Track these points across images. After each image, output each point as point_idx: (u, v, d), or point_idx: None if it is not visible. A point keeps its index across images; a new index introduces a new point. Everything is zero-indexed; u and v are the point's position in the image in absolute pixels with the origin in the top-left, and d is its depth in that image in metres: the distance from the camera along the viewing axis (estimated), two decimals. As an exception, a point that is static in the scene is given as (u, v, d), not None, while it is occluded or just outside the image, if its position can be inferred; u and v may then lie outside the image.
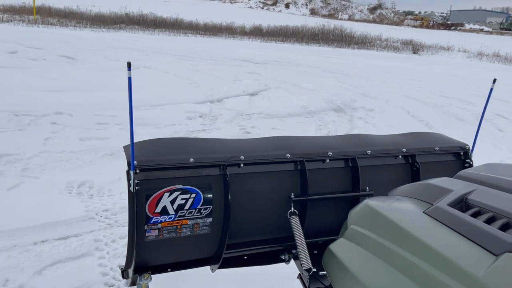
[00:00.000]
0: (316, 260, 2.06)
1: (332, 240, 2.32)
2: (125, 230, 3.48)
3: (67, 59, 12.35)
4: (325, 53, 21.47)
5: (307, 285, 2.21)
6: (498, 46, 26.99)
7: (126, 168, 1.79)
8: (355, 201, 2.17)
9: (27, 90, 7.99)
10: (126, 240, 3.34)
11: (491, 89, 2.21)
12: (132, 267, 1.88)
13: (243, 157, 1.95)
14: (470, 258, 0.84)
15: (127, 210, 1.81)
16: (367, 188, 2.20)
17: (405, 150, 2.28)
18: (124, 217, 3.71)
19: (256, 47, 21.84)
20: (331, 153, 2.15)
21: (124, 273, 2.00)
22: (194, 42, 21.74)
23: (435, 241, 0.90)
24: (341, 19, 49.06)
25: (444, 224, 0.96)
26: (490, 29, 56.70)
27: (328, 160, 2.15)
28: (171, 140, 2.07)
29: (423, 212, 1.04)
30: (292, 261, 2.25)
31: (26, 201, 3.91)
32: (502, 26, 62.39)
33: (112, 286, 2.87)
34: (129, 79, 1.67)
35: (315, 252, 2.17)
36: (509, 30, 59.78)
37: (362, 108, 8.88)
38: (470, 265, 0.82)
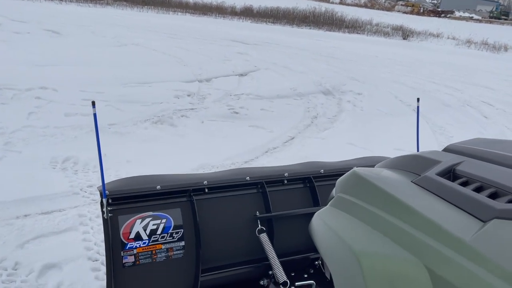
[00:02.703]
0: (294, 279, 2.14)
1: (307, 259, 2.41)
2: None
3: (52, 34, 12.06)
4: (315, 36, 21.35)
5: None
6: (486, 34, 27.15)
7: (113, 143, 1.83)
8: None
9: (11, 64, 7.80)
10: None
11: (418, 107, 2.33)
12: None
13: (206, 182, 2.09)
14: (458, 223, 0.85)
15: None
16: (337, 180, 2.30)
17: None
18: (109, 193, 3.67)
19: (246, 27, 21.60)
20: (287, 174, 2.30)
21: None
22: (184, 20, 21.38)
23: (423, 208, 0.90)
24: (332, 2, 48.70)
25: (432, 193, 0.97)
26: (479, 17, 56.94)
27: (286, 181, 2.30)
28: (142, 176, 2.18)
29: (411, 181, 1.04)
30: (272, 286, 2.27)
31: (8, 175, 3.85)
32: (491, 15, 62.73)
33: (96, 260, 2.86)
34: (95, 116, 1.76)
35: (292, 274, 2.24)
36: (499, 18, 60.16)
37: (351, 91, 8.90)
38: (458, 230, 0.82)
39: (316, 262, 2.33)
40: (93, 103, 1.74)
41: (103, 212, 1.87)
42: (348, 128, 6.35)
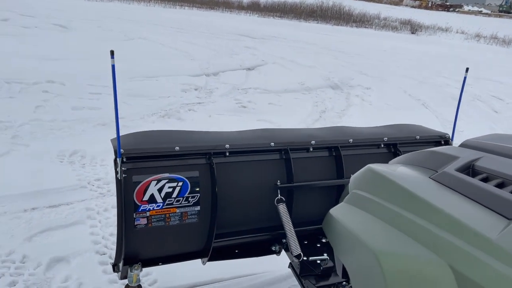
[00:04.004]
0: (306, 249, 2.11)
1: (322, 230, 2.39)
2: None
3: (60, 28, 12.06)
4: (323, 30, 21.18)
5: (298, 272, 2.20)
6: (496, 28, 26.78)
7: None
8: (340, 189, 2.20)
9: (19, 58, 7.80)
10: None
11: (465, 78, 2.25)
12: (123, 257, 1.87)
13: (228, 146, 1.98)
14: (483, 221, 0.80)
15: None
16: (351, 175, 2.23)
17: (386, 139, 2.32)
18: (116, 187, 3.66)
19: (253, 22, 21.48)
20: (314, 142, 2.18)
21: (115, 267, 2.00)
22: (191, 14, 21.31)
23: (444, 205, 0.86)
24: (340, -4, 48.31)
25: (452, 189, 0.92)
26: (488, 11, 56.21)
27: (311, 149, 2.19)
28: (158, 132, 2.09)
29: (429, 177, 1.00)
30: (283, 252, 2.25)
31: (16, 169, 3.84)
32: (501, 9, 61.88)
33: (104, 254, 2.84)
34: (113, 67, 1.66)
35: (305, 242, 2.20)
36: (508, 12, 59.33)
37: (359, 86, 8.80)
38: (483, 228, 0.78)
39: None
40: (112, 53, 1.63)
41: (116, 172, 1.76)
42: (356, 123, 6.27)
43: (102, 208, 3.37)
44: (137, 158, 1.84)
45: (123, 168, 1.76)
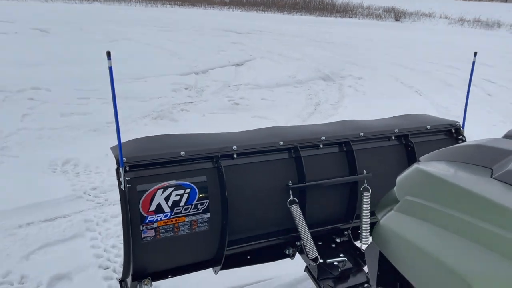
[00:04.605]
0: (321, 251, 2.02)
1: (336, 229, 2.30)
2: (117, 209, 3.28)
3: (40, 32, 11.74)
4: (307, 22, 21.06)
5: (315, 276, 2.12)
6: (478, 11, 26.95)
7: (113, 143, 1.67)
8: (354, 185, 2.14)
9: (0, 66, 7.54)
10: (118, 219, 3.17)
11: (473, 63, 2.18)
12: (131, 272, 1.75)
13: (235, 147, 1.88)
14: None
15: (117, 188, 1.67)
16: (364, 171, 2.15)
17: (397, 130, 2.25)
18: (114, 195, 3.51)
19: (237, 17, 21.26)
20: (324, 138, 2.09)
21: (122, 283, 1.87)
22: (173, 13, 21.00)
23: None
24: (321, -13, 48.20)
25: None
26: (469, -4, 56.59)
27: (322, 146, 2.09)
28: (160, 136, 1.96)
29: (492, 177, 0.88)
30: (297, 255, 2.16)
31: (7, 182, 3.66)
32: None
33: (107, 268, 2.69)
34: (110, 69, 1.52)
35: (320, 243, 2.12)
36: (488, -4, 59.79)
37: (350, 76, 8.71)
38: None
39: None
40: (108, 54, 1.52)
41: (119, 182, 1.64)
42: (352, 114, 6.18)
43: (101, 218, 3.22)
44: (141, 166, 1.72)
45: (126, 178, 1.64)
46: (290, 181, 2.01)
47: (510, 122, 6.08)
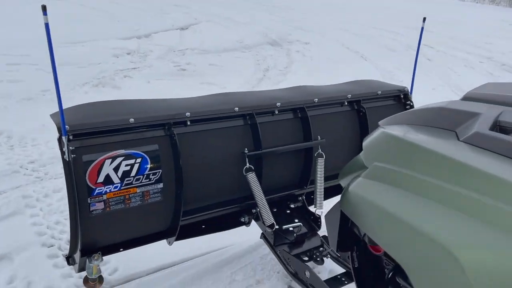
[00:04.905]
0: (277, 217, 2.03)
1: (291, 195, 2.28)
2: (59, 183, 3.09)
3: (-42, -9, 10.54)
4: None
5: (272, 242, 2.12)
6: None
7: (50, 111, 1.56)
8: (309, 152, 2.15)
9: None
10: (62, 194, 2.98)
11: (422, 28, 2.22)
12: (79, 248, 1.65)
13: (188, 114, 1.81)
14: None
15: (59, 161, 1.53)
16: (319, 137, 2.16)
17: (350, 96, 2.27)
18: (55, 169, 3.28)
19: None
20: (279, 104, 2.06)
21: (69, 260, 1.76)
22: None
23: (495, 170, 0.72)
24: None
25: (493, 151, 0.79)
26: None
27: (277, 112, 2.07)
28: (106, 102, 1.83)
29: (460, 140, 0.86)
30: (253, 222, 2.15)
31: None
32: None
33: (52, 246, 2.53)
34: (47, 26, 1.38)
35: (275, 210, 2.11)
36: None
37: (298, 41, 8.68)
38: None
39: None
40: (44, 8, 1.35)
41: (63, 153, 1.53)
42: (301, 79, 6.18)
43: (42, 194, 3.00)
44: (86, 135, 1.59)
45: (70, 148, 1.52)
46: (246, 149, 1.97)
47: (449, 85, 6.38)
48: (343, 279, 2.03)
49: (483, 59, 8.23)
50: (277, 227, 2.05)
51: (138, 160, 1.68)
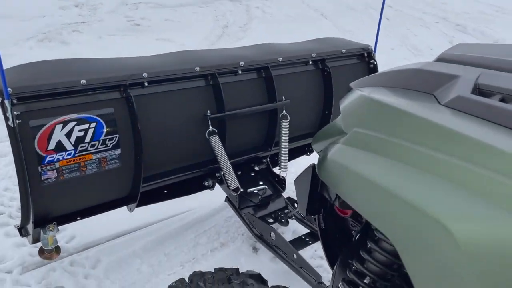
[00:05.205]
0: (241, 180, 1.99)
1: (255, 158, 2.21)
2: (5, 147, 2.87)
3: None
4: None
5: (236, 206, 2.10)
6: None
7: None
8: (273, 113, 2.10)
9: None
10: (9, 158, 2.78)
11: None
12: (32, 219, 1.54)
13: (146, 74, 1.71)
14: None
15: (2, 122, 1.42)
16: (283, 98, 2.11)
17: (314, 55, 2.22)
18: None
19: None
20: (242, 63, 1.98)
21: (22, 231, 1.64)
22: None
23: (479, 135, 0.69)
24: None
25: (476, 116, 0.76)
26: None
27: (240, 72, 1.99)
28: (53, 62, 1.67)
29: (441, 104, 0.83)
30: (217, 186, 2.12)
31: None
32: None
33: (1, 214, 2.38)
34: None
35: (239, 172, 2.08)
36: None
37: (257, -4, 8.40)
38: None
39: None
40: None
41: (6, 118, 1.41)
42: (261, 37, 6.01)
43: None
44: (33, 98, 1.46)
45: (15, 113, 1.39)
46: (208, 111, 1.89)
47: (406, 45, 6.45)
48: (307, 239, 2.06)
49: (439, 19, 8.36)
50: (242, 190, 2.02)
51: (93, 125, 1.58)
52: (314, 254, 2.23)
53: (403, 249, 0.71)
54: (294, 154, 2.35)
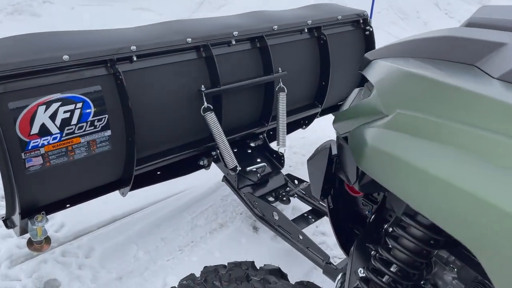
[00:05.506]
0: (238, 158, 1.90)
1: (251, 134, 2.13)
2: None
3: None
4: None
5: (235, 186, 2.02)
6: None
7: None
8: (270, 86, 2.00)
9: None
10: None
11: None
12: (18, 211, 1.42)
13: (134, 48, 1.57)
14: None
15: None
16: (279, 69, 1.99)
17: (310, 22, 2.12)
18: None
19: None
20: (236, 33, 1.85)
21: (7, 222, 1.52)
22: None
23: None
24: None
25: None
26: None
27: (234, 42, 1.86)
28: (29, 36, 1.51)
29: (496, 78, 0.72)
30: (213, 165, 2.04)
31: None
32: None
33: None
34: None
35: (235, 150, 1.97)
36: None
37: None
38: None
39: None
40: None
41: None
42: (244, 4, 5.78)
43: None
44: (10, 78, 1.32)
45: None
46: (202, 86, 1.76)
47: (392, 8, 6.30)
48: (310, 217, 1.99)
49: (422, -19, 8.19)
50: (239, 168, 1.93)
51: (79, 105, 1.44)
52: (316, 231, 2.18)
53: (483, 255, 0.61)
54: (289, 128, 2.26)
